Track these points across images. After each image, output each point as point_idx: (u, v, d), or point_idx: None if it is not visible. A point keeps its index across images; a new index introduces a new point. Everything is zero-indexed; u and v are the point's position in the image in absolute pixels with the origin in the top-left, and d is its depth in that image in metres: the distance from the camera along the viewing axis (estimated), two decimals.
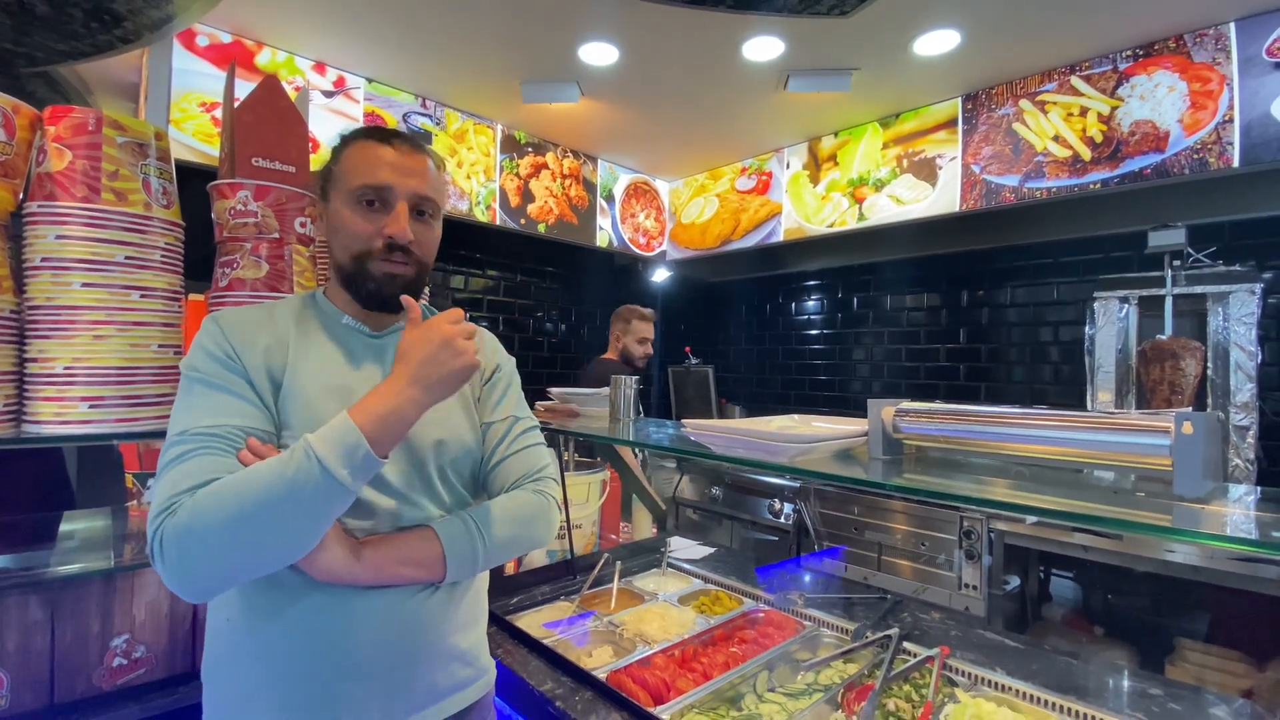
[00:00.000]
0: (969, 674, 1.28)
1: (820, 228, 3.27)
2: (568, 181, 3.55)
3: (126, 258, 1.17)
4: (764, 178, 3.57)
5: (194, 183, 1.48)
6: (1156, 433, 0.75)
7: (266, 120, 1.37)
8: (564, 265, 3.98)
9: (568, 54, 2.54)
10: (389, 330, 0.98)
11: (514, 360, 1.12)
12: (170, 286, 1.25)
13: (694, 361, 4.34)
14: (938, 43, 2.38)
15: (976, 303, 3.34)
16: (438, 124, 3.02)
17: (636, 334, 3.06)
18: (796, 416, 1.38)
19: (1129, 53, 2.37)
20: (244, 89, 1.47)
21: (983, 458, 1.02)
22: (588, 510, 2.09)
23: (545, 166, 3.44)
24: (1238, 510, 0.80)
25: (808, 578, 1.92)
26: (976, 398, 3.33)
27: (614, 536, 2.40)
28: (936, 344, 3.48)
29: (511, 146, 3.31)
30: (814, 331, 4.10)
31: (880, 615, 1.53)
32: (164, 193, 1.25)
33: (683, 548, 2.12)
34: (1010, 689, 1.22)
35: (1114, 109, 2.39)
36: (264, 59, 2.53)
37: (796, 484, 3.09)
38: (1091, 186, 2.42)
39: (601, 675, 1.25)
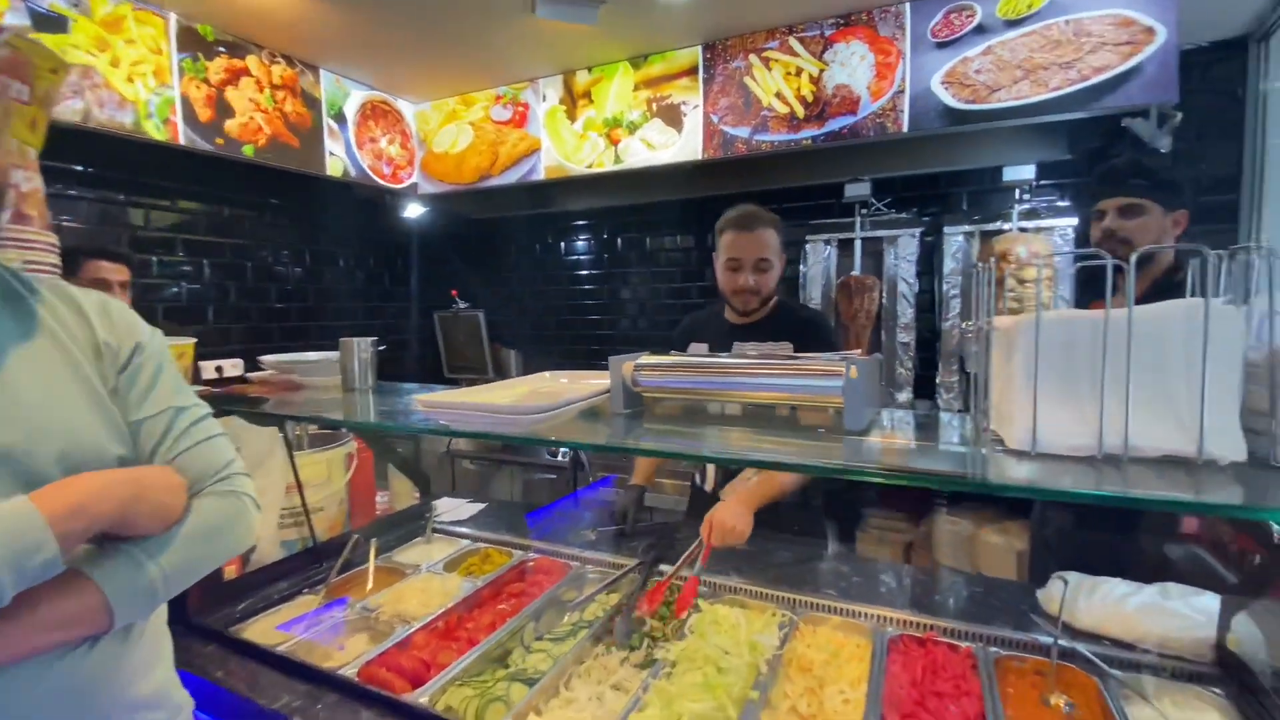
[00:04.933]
0: (713, 584, 1.45)
1: (580, 168, 3.23)
2: (280, 94, 2.93)
3: None
4: (520, 109, 3.38)
5: None
6: (833, 376, 0.87)
7: None
8: (289, 197, 3.35)
9: None
10: None
11: (160, 334, 0.88)
12: None
13: (462, 305, 4.10)
14: None
15: None
16: (75, 5, 2.23)
17: (723, 253, 1.77)
18: (548, 374, 1.36)
19: (832, 21, 2.68)
20: None
21: (714, 403, 1.11)
22: (331, 489, 1.86)
23: (246, 73, 2.78)
24: (897, 439, 0.99)
25: (582, 515, 1.99)
26: None
27: (370, 512, 2.19)
28: (690, 283, 3.77)
29: (194, 43, 2.60)
30: (584, 272, 4.14)
31: (648, 542, 1.60)
32: None
33: (451, 509, 2.02)
34: (742, 590, 1.42)
35: (821, 72, 2.70)
36: None
37: None
38: (804, 142, 2.75)
39: (351, 671, 1.14)
